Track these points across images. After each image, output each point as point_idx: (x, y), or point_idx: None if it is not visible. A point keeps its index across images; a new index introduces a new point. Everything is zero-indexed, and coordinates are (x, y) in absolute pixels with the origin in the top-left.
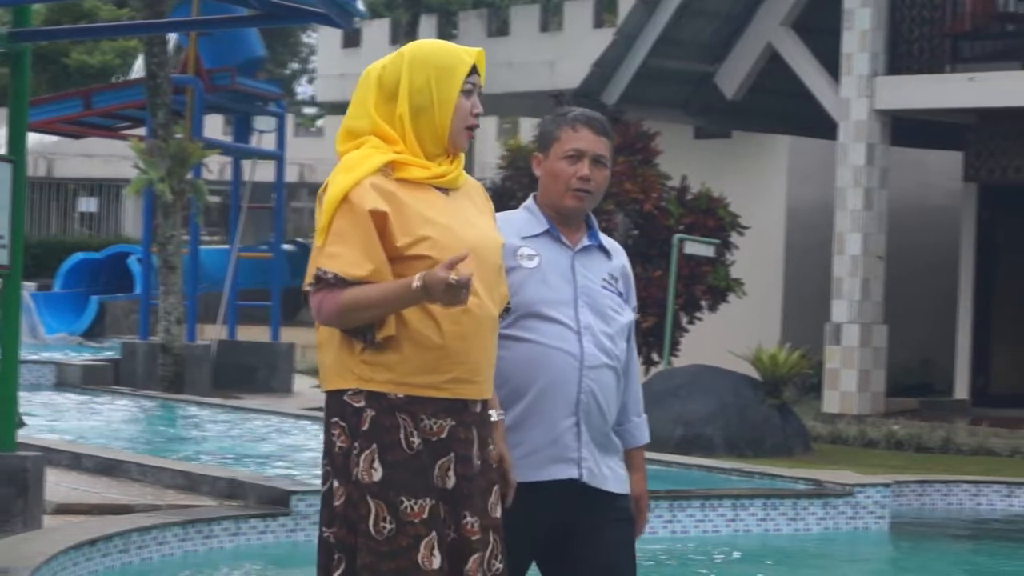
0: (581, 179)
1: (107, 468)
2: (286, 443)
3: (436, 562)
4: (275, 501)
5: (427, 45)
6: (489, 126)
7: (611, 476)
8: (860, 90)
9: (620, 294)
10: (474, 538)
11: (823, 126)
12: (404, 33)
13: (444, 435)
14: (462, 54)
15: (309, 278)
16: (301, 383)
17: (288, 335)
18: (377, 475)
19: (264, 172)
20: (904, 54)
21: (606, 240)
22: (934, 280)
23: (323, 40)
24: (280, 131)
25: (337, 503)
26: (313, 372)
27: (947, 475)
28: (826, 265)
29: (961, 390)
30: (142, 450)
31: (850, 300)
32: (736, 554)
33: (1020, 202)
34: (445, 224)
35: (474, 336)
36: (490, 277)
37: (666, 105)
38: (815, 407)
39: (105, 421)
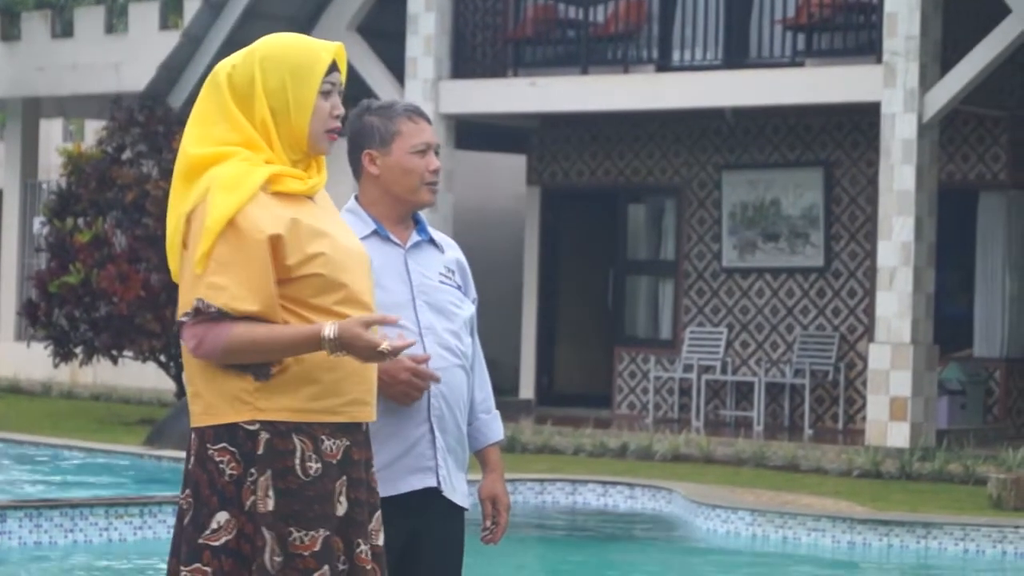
0: (434, 172)
1: None
2: None
3: None
4: None
5: (280, 41)
6: (54, 129)
7: (459, 490)
8: (425, 94)
9: (459, 287)
10: (367, 567)
11: None
12: None
13: (340, 456)
14: (320, 51)
15: (185, 307)
16: None
17: None
18: (271, 504)
19: None
20: (468, 59)
21: (436, 234)
22: (500, 282)
23: None
24: None
25: (227, 537)
26: None
27: (513, 473)
28: None
29: (527, 389)
30: None
31: None
32: None
33: (580, 205)
34: (331, 236)
35: None
36: (371, 287)
37: None
38: None
39: None
